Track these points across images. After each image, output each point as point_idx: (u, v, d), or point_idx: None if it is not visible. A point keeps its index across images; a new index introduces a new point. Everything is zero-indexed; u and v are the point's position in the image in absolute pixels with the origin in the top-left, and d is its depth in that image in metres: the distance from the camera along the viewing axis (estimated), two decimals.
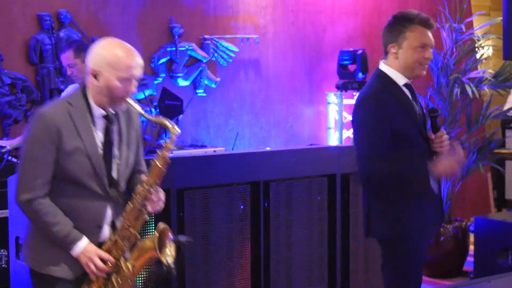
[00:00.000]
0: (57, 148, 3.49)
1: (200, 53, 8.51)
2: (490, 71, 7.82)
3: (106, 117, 3.63)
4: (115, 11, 7.97)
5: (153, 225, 4.87)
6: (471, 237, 7.04)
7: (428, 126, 4.37)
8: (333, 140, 9.26)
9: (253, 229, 5.36)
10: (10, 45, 7.38)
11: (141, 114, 3.73)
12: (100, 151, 3.59)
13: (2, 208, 5.57)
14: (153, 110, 7.95)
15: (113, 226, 3.69)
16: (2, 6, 7.32)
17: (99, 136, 3.61)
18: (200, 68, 8.52)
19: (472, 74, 7.42)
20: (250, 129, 8.90)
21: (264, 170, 5.41)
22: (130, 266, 3.64)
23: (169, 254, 3.68)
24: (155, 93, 8.16)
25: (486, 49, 8.02)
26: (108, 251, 3.62)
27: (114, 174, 3.66)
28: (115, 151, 3.67)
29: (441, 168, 4.12)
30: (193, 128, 8.47)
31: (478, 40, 7.56)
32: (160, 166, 3.65)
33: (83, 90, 3.62)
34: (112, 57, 3.54)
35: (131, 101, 3.65)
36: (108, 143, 3.63)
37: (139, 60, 3.63)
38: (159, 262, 3.68)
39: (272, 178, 5.42)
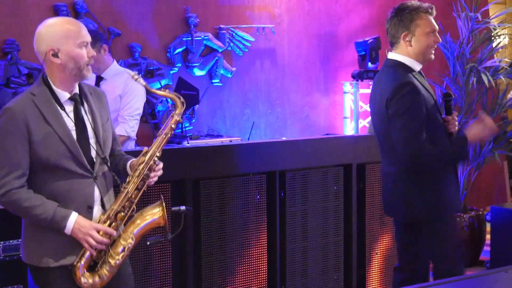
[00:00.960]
0: (28, 139, 3.51)
1: (216, 43, 8.51)
2: (507, 60, 7.79)
3: (73, 99, 3.65)
4: (131, 0, 7.98)
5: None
6: (488, 227, 7.02)
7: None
8: (349, 129, 9.25)
9: (269, 218, 5.37)
10: (27, 36, 7.39)
11: (145, 87, 3.78)
12: (73, 133, 3.60)
13: None
14: (168, 100, 7.96)
15: (102, 205, 3.70)
16: None
17: (70, 119, 3.62)
18: (216, 58, 8.52)
19: (488, 63, 7.39)
20: (266, 119, 8.90)
21: (280, 160, 5.41)
22: (131, 236, 3.66)
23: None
24: (171, 83, 8.17)
25: (502, 38, 7.97)
26: (105, 223, 3.63)
27: (93, 153, 3.67)
28: (90, 130, 3.68)
29: (474, 132, 4.45)
30: (209, 118, 8.49)
31: (494, 29, 7.52)
32: (165, 137, 3.73)
33: (43, 78, 3.64)
34: (63, 29, 3.60)
35: (135, 75, 3.70)
36: (80, 122, 3.64)
37: (81, 24, 3.68)
38: (159, 231, 3.73)
39: (288, 168, 5.42)
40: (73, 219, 3.55)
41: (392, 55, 4.55)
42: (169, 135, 3.75)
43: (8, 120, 3.51)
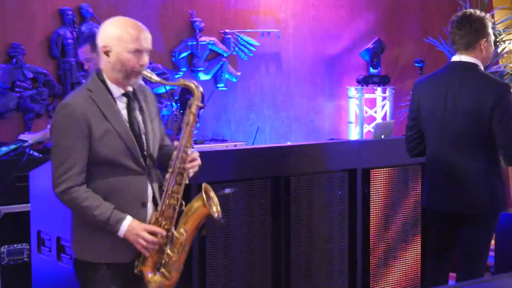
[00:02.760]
0: (87, 135, 3.53)
1: (221, 47, 8.52)
2: (511, 65, 7.79)
3: (126, 95, 3.68)
4: (136, 5, 8.00)
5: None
6: None
7: None
8: (353, 134, 9.25)
9: (274, 223, 5.35)
10: (32, 40, 7.42)
11: (159, 82, 3.77)
12: (129, 129, 3.63)
13: (24, 202, 5.60)
14: (174, 104, 7.97)
15: (154, 202, 3.72)
16: (23, 1, 7.37)
17: (123, 114, 3.65)
18: (221, 62, 8.53)
19: (493, 69, 7.39)
20: (271, 123, 8.90)
21: (285, 165, 5.41)
22: (183, 231, 3.66)
23: (216, 210, 3.75)
24: (176, 87, 8.18)
25: (507, 44, 7.97)
26: (156, 224, 3.64)
27: (145, 149, 3.69)
28: (142, 127, 3.70)
29: None
30: (214, 122, 8.49)
31: (500, 35, 7.52)
32: (190, 126, 3.68)
33: (98, 74, 3.66)
34: (120, 31, 3.60)
35: (146, 72, 3.67)
36: (133, 120, 3.67)
37: (146, 32, 3.65)
38: (209, 220, 3.72)
39: (292, 173, 5.42)
40: (127, 223, 3.57)
41: (465, 58, 4.81)
42: (193, 123, 3.69)
43: (67, 116, 3.53)
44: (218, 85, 8.55)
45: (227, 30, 8.58)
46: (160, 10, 8.18)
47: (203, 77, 8.43)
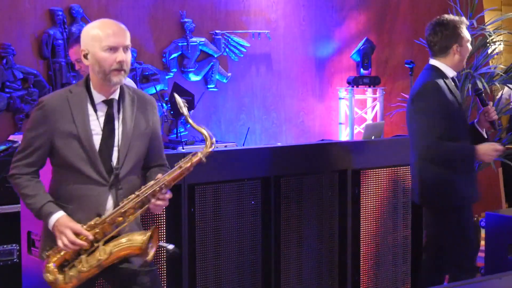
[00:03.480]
0: (50, 134, 3.58)
1: (212, 48, 8.52)
2: (502, 66, 7.81)
3: (107, 102, 3.65)
4: (126, 5, 7.99)
5: (164, 220, 4.89)
6: (482, 233, 7.02)
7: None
8: (344, 135, 9.26)
9: (264, 224, 5.36)
10: (22, 40, 7.40)
11: (184, 115, 3.74)
12: (95, 137, 3.61)
13: (14, 203, 5.59)
14: (164, 105, 7.96)
15: None
16: (13, 1, 7.35)
17: (99, 123, 3.63)
18: (212, 63, 8.53)
19: (484, 69, 7.40)
20: (261, 124, 8.90)
21: (275, 166, 5.41)
22: (108, 251, 3.59)
23: (150, 256, 3.65)
24: (167, 88, 8.18)
25: (497, 45, 7.99)
26: (90, 228, 3.58)
27: (114, 161, 3.65)
28: (118, 138, 3.66)
29: (483, 152, 4.94)
30: (204, 123, 8.47)
31: (490, 36, 7.53)
32: (181, 171, 3.68)
33: (86, 78, 3.68)
34: (92, 31, 3.62)
35: (179, 99, 3.70)
36: (107, 129, 3.64)
37: (120, 29, 3.66)
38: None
39: (283, 174, 5.42)
40: (56, 217, 3.57)
41: (432, 61, 5.10)
42: (186, 173, 3.70)
43: (38, 111, 3.62)
44: (209, 86, 8.54)
45: (217, 31, 8.57)
46: (151, 11, 8.17)
47: (193, 77, 8.43)
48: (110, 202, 3.66)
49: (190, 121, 3.75)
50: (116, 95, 3.68)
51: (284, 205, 5.42)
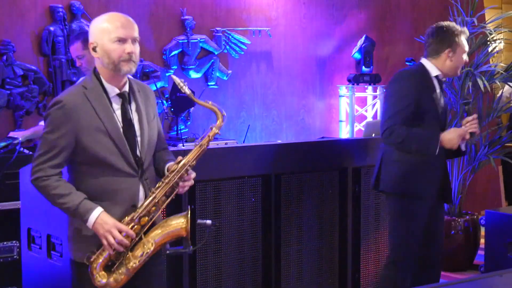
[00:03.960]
0: (74, 132, 3.54)
1: (212, 45, 8.51)
2: (502, 64, 7.80)
3: (121, 95, 3.67)
4: (127, 3, 7.98)
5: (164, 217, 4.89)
6: (482, 231, 7.03)
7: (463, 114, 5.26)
8: (344, 133, 9.26)
9: (264, 222, 5.36)
10: (23, 37, 7.40)
11: (189, 96, 3.78)
12: (121, 130, 3.62)
13: (14, 200, 5.59)
14: (164, 102, 7.96)
15: None
16: None
17: (117, 115, 3.64)
18: (212, 60, 8.52)
19: (484, 68, 7.40)
20: (262, 122, 8.90)
21: (276, 163, 5.41)
22: (152, 242, 3.60)
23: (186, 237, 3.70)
24: (167, 85, 8.17)
25: (498, 43, 7.98)
26: (129, 224, 3.59)
27: (138, 151, 3.67)
28: (137, 128, 3.69)
29: (447, 137, 5.04)
30: (204, 121, 8.48)
31: (490, 34, 7.53)
32: (202, 149, 3.77)
33: (95, 72, 3.68)
34: (101, 24, 3.63)
35: (177, 79, 3.73)
36: (127, 120, 3.66)
37: (129, 21, 3.68)
38: (180, 241, 3.68)
39: (283, 171, 5.42)
40: (97, 214, 3.53)
41: (422, 60, 5.21)
42: (205, 147, 3.78)
43: (58, 111, 3.56)
44: (209, 83, 8.54)
45: (218, 28, 8.57)
46: (151, 8, 8.17)
47: (194, 75, 8.43)
48: (141, 192, 3.68)
49: (196, 99, 3.78)
50: (127, 88, 3.71)
51: (285, 202, 5.42)
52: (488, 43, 7.59)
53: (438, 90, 5.14)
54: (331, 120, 9.38)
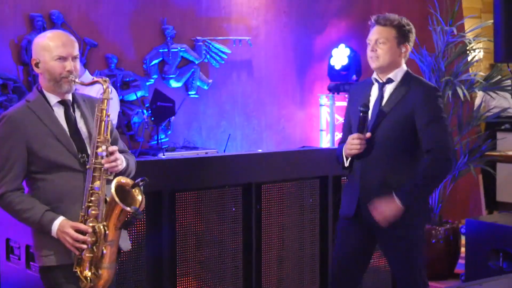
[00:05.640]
0: (24, 142, 3.68)
1: (192, 55, 8.51)
2: (481, 73, 7.83)
3: (62, 102, 3.80)
4: (107, 12, 7.97)
5: (144, 226, 4.87)
6: (463, 240, 7.04)
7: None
8: (325, 142, 9.27)
9: (245, 231, 5.35)
10: (2, 46, 7.37)
11: (80, 84, 3.83)
12: (68, 132, 3.75)
13: None
14: (144, 111, 7.94)
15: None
16: None
17: (61, 120, 3.78)
18: (192, 70, 8.52)
19: (464, 77, 7.42)
20: (242, 131, 8.90)
21: (256, 172, 5.41)
22: (102, 228, 3.65)
23: (138, 200, 3.70)
24: (147, 95, 8.16)
25: (477, 52, 8.01)
26: (82, 222, 3.66)
27: (89, 151, 3.74)
28: (84, 131, 3.79)
29: (378, 210, 4.32)
30: (185, 130, 8.47)
31: (470, 43, 7.55)
32: (102, 119, 3.71)
33: (37, 86, 3.83)
34: (43, 42, 3.78)
35: (73, 78, 3.77)
36: (72, 125, 3.78)
37: (69, 39, 3.80)
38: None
39: (264, 180, 5.42)
40: (58, 222, 3.64)
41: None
42: (103, 118, 3.71)
43: (5, 126, 3.71)
44: (190, 93, 8.53)
45: (198, 38, 8.57)
46: (132, 17, 8.15)
47: (174, 84, 8.41)
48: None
49: (81, 82, 3.83)
50: (69, 97, 3.83)
51: (265, 211, 5.41)
52: (468, 52, 7.62)
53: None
54: (311, 129, 9.39)
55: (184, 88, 8.53)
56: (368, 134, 4.40)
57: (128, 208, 3.64)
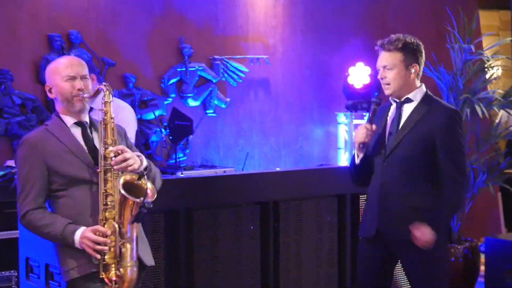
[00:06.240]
0: (43, 162, 3.78)
1: (210, 73, 8.53)
2: (500, 91, 7.81)
3: (79, 124, 3.91)
4: (124, 31, 8.01)
5: (163, 245, 4.87)
6: (482, 258, 7.01)
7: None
8: (343, 160, 9.26)
9: (263, 249, 5.34)
10: (21, 66, 7.41)
11: (88, 98, 3.89)
12: (86, 150, 3.84)
13: (12, 229, 5.58)
14: (163, 130, 7.96)
15: None
16: (11, 27, 7.36)
17: (79, 140, 3.87)
18: (210, 88, 8.54)
19: (482, 94, 7.40)
20: (260, 149, 8.90)
21: (274, 191, 5.40)
22: (116, 225, 3.70)
23: (146, 189, 3.76)
24: (165, 113, 8.18)
25: (495, 69, 7.99)
26: (101, 224, 3.72)
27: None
28: (101, 149, 3.82)
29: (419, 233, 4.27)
30: (203, 149, 8.48)
31: (488, 60, 7.54)
32: (106, 122, 3.80)
33: (55, 112, 3.96)
34: (53, 67, 3.92)
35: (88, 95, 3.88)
36: (89, 141, 3.89)
37: (77, 60, 3.94)
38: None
39: (282, 199, 5.41)
40: (79, 233, 3.70)
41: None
42: (108, 121, 3.81)
43: (25, 148, 3.82)
44: (207, 111, 8.55)
45: (216, 56, 8.59)
46: (149, 36, 8.19)
47: (192, 103, 8.43)
48: None
49: (91, 93, 3.89)
50: (86, 119, 3.94)
51: (283, 230, 5.40)
52: (486, 69, 7.60)
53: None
54: (329, 147, 9.38)
55: (202, 107, 8.55)
56: (374, 127, 4.41)
57: (138, 200, 3.67)
